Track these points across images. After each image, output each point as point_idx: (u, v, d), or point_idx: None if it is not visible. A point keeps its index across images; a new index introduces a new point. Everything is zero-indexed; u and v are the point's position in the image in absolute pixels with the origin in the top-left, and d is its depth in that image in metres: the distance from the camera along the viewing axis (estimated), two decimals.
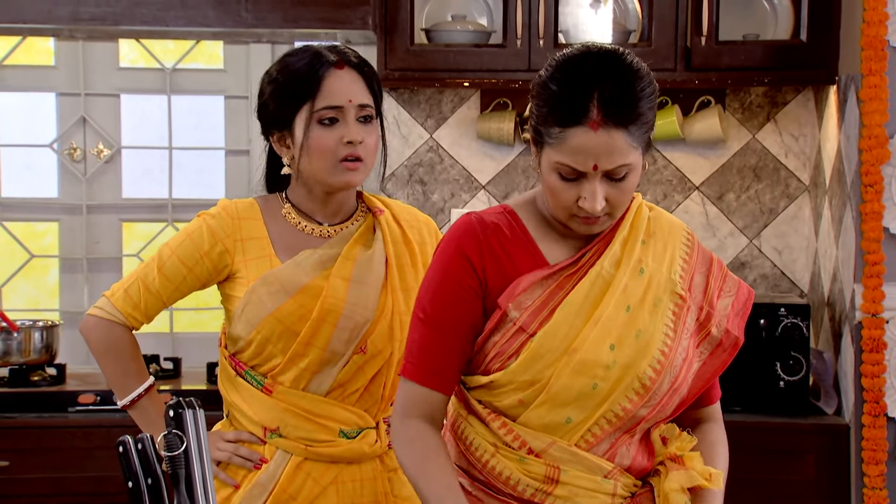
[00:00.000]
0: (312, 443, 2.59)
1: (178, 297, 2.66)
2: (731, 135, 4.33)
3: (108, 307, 2.65)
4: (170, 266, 2.62)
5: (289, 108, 2.58)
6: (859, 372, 3.68)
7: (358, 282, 2.58)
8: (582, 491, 2.14)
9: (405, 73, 3.99)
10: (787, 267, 4.36)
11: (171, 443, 1.73)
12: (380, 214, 2.67)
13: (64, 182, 4.52)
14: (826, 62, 3.95)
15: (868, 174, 3.64)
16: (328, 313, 2.55)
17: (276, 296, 2.55)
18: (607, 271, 2.15)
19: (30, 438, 3.82)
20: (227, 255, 2.60)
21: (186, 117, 4.57)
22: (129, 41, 4.50)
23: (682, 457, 2.21)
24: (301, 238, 2.62)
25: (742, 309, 2.26)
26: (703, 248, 2.26)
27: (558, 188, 2.08)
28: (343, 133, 2.55)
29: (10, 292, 4.56)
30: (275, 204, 2.67)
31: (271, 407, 2.59)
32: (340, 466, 2.61)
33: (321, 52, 2.59)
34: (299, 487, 2.58)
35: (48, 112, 4.52)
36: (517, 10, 3.95)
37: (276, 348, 2.57)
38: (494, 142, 4.29)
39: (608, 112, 2.02)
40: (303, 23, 3.90)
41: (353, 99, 2.56)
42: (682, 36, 3.97)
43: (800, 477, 3.80)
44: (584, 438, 2.14)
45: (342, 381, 2.59)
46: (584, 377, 2.10)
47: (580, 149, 2.03)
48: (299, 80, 2.57)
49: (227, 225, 2.61)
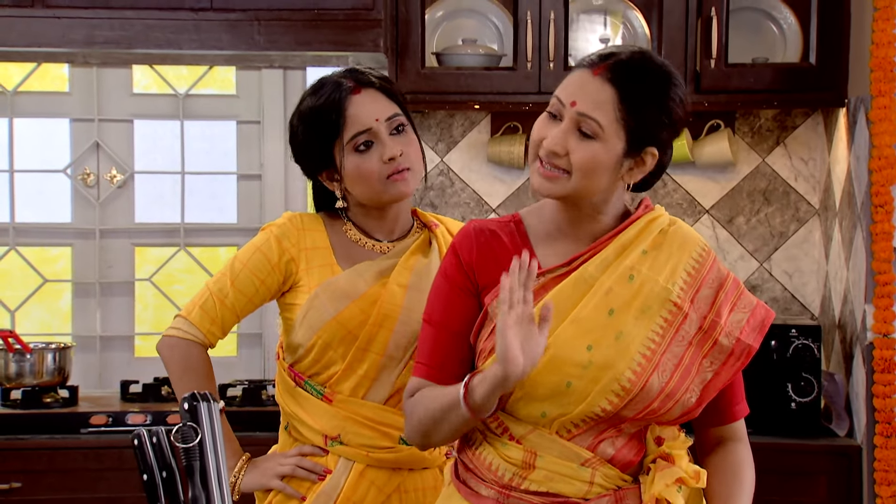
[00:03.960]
0: (373, 449, 2.62)
1: (250, 310, 2.70)
2: (740, 158, 4.34)
3: (185, 326, 2.67)
4: (242, 279, 2.66)
5: (324, 147, 2.64)
6: (871, 393, 3.68)
7: (415, 289, 2.63)
8: (557, 476, 2.17)
9: (416, 96, 4.02)
10: (797, 290, 4.37)
11: (185, 435, 1.74)
12: (435, 228, 2.73)
13: (77, 207, 4.55)
14: (835, 84, 3.97)
15: (878, 195, 3.66)
16: (385, 318, 2.60)
17: (337, 301, 2.61)
18: (591, 274, 2.18)
19: (42, 460, 3.82)
20: (293, 263, 2.66)
21: (199, 142, 4.61)
22: (142, 67, 4.54)
23: (672, 455, 2.23)
24: (361, 252, 2.69)
25: (759, 325, 2.26)
26: (718, 267, 2.26)
27: (539, 124, 2.21)
28: (381, 152, 2.60)
29: (23, 317, 4.58)
30: (337, 220, 2.73)
31: (332, 415, 2.63)
32: (403, 475, 2.65)
33: (338, 83, 2.64)
34: (363, 496, 2.61)
35: (62, 138, 4.55)
36: (527, 33, 3.98)
37: (336, 354, 2.61)
38: (505, 165, 4.31)
39: (613, 68, 2.16)
40: (315, 45, 3.94)
41: (379, 117, 2.61)
42: (692, 59, 3.99)
43: (812, 499, 3.79)
44: (566, 428, 2.17)
45: (400, 387, 2.62)
46: (557, 375, 2.14)
47: (571, 83, 2.18)
48: (323, 117, 2.62)
49: (293, 235, 2.67)
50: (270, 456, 2.70)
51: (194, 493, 1.73)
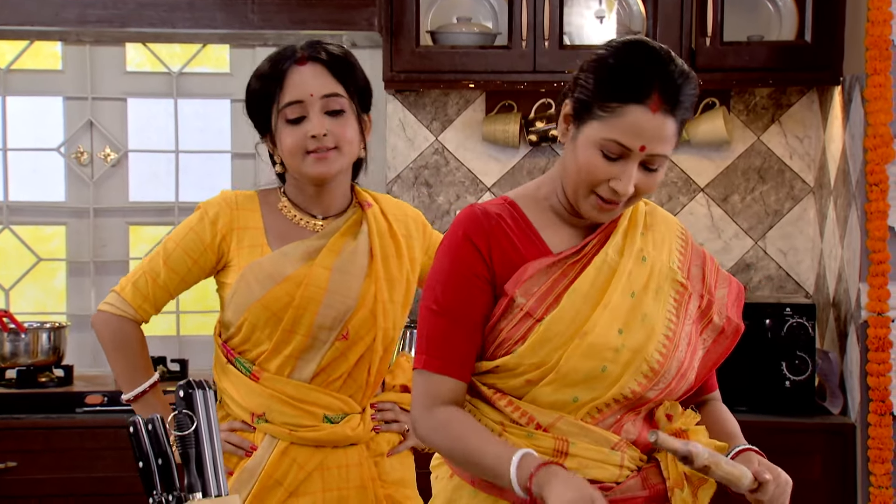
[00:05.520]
0: (296, 427, 2.65)
1: (184, 288, 2.75)
2: (735, 136, 4.34)
3: (118, 302, 2.73)
4: (175, 258, 2.70)
5: (263, 111, 2.67)
6: (865, 371, 3.69)
7: (340, 271, 2.65)
8: (591, 462, 2.15)
9: (410, 75, 4.01)
10: (792, 268, 4.37)
11: (181, 423, 1.74)
12: (368, 208, 2.74)
13: (71, 186, 4.54)
14: (831, 62, 3.96)
15: (873, 173, 3.65)
16: (309, 301, 2.62)
17: (262, 283, 2.63)
18: (612, 258, 2.19)
19: (37, 439, 3.82)
20: (225, 243, 2.68)
21: (193, 121, 4.59)
22: (135, 45, 4.51)
23: (687, 431, 2.23)
24: (294, 230, 2.71)
25: (736, 301, 2.32)
26: (695, 244, 2.32)
27: (595, 165, 2.11)
28: (307, 128, 2.61)
29: (17, 296, 4.58)
30: (273, 197, 2.75)
31: (258, 393, 2.66)
32: (325, 452, 2.68)
33: (292, 50, 2.66)
34: (285, 472, 2.65)
35: (55, 116, 4.53)
36: (522, 11, 3.96)
37: (263, 334, 2.64)
38: (500, 144, 4.30)
39: (667, 98, 2.07)
40: (309, 24, 3.92)
41: (314, 93, 2.62)
42: (687, 37, 3.98)
43: (806, 476, 3.79)
44: (590, 414, 2.17)
45: (325, 366, 2.66)
46: (594, 360, 2.13)
47: (634, 127, 2.07)
48: (266, 80, 2.65)
49: (226, 214, 2.69)
50: None
51: (190, 480, 1.73)
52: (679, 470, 2.18)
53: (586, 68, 2.15)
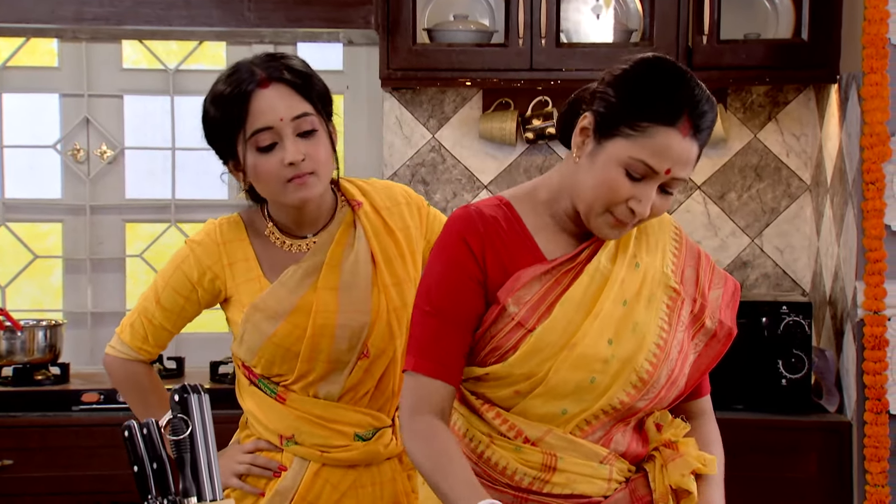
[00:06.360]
0: (328, 448, 2.58)
1: (183, 324, 2.68)
2: (732, 134, 4.34)
3: (118, 345, 2.68)
4: (166, 297, 2.62)
5: (226, 139, 2.50)
6: (861, 369, 3.69)
7: (347, 288, 2.55)
8: (579, 477, 2.14)
9: (407, 73, 4.00)
10: (788, 266, 4.37)
11: (176, 427, 1.73)
12: (358, 208, 2.62)
13: (67, 183, 4.53)
14: (827, 61, 3.96)
15: (869, 172, 3.65)
16: (323, 328, 2.53)
17: (270, 321, 2.54)
18: (605, 266, 2.15)
19: (34, 437, 3.82)
20: (219, 280, 2.59)
21: (189, 118, 4.57)
22: (132, 42, 4.51)
23: (677, 443, 2.21)
24: (286, 257, 2.59)
25: (731, 301, 2.27)
26: (690, 242, 2.28)
27: (618, 183, 2.07)
28: (282, 156, 2.44)
29: (13, 293, 4.58)
30: (259, 222, 2.63)
31: (285, 415, 2.59)
32: (358, 471, 2.61)
33: (250, 71, 2.47)
34: (318, 494, 2.59)
35: (52, 113, 4.52)
36: (519, 9, 3.96)
37: (283, 368, 2.57)
38: (496, 142, 4.30)
39: (696, 123, 2.05)
40: (306, 22, 3.92)
41: (284, 116, 2.44)
42: (684, 35, 3.98)
43: (802, 475, 3.81)
44: (579, 427, 2.15)
45: (351, 385, 2.58)
46: (583, 371, 2.11)
47: (664, 149, 2.04)
48: (228, 107, 2.46)
49: (213, 252, 2.59)
50: (227, 451, 2.65)
51: (185, 485, 1.73)
52: (666, 483, 2.18)
53: (610, 82, 2.09)
